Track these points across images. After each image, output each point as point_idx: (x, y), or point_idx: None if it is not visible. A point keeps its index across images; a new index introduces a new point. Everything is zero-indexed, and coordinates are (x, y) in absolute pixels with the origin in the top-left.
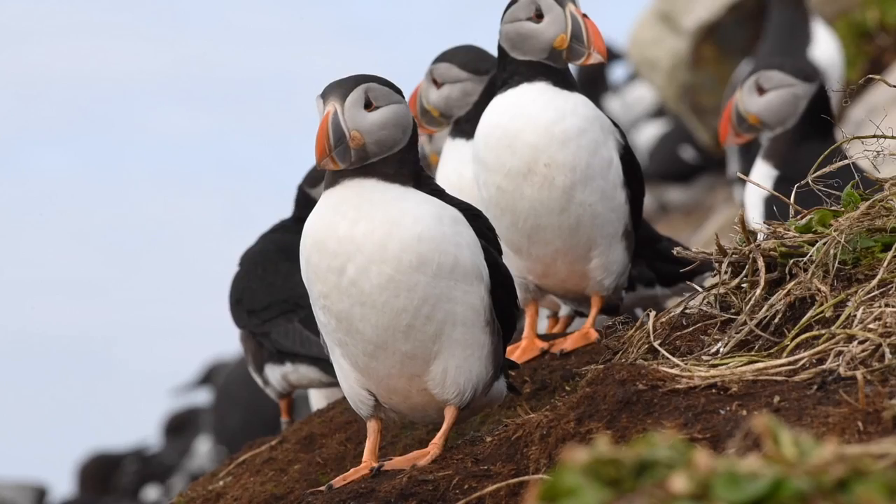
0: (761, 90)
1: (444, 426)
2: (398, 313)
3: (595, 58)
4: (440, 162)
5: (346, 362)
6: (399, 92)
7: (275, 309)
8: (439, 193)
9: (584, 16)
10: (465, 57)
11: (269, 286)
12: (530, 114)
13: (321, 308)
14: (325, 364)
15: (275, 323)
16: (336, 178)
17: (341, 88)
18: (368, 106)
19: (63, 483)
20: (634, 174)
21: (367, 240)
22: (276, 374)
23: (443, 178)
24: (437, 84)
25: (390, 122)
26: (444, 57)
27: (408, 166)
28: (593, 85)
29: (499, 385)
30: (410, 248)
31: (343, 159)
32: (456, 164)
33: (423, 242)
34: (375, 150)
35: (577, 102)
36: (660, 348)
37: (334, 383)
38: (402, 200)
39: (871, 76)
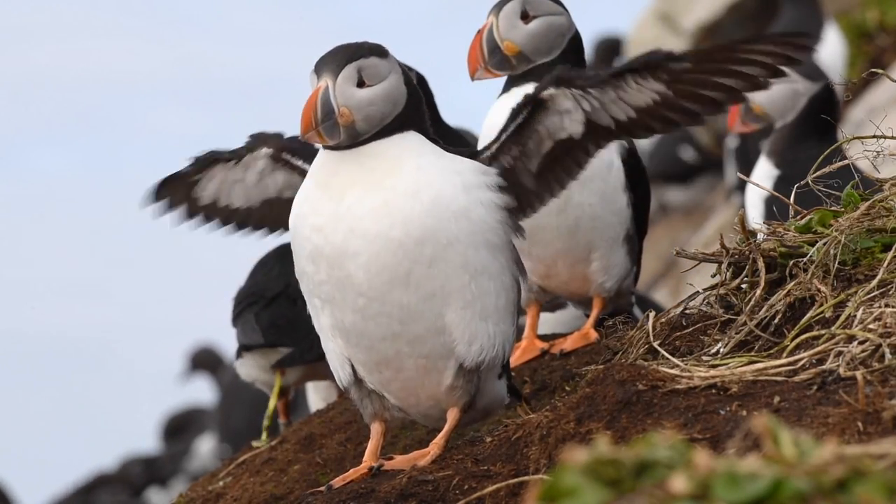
0: None
1: (447, 427)
2: (394, 251)
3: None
4: None
5: (329, 321)
6: (390, 59)
7: (244, 303)
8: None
9: (479, 31)
10: None
11: (250, 282)
12: None
13: (309, 255)
14: (252, 348)
15: (241, 316)
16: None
17: (334, 64)
18: (361, 84)
19: (62, 484)
20: (638, 178)
21: (368, 177)
22: (239, 369)
23: None
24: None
25: (379, 99)
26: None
27: (409, 123)
28: None
29: (499, 386)
30: (407, 174)
31: (331, 135)
32: None
33: (421, 171)
34: (364, 126)
35: None
36: (659, 349)
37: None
38: (404, 144)
39: (874, 70)
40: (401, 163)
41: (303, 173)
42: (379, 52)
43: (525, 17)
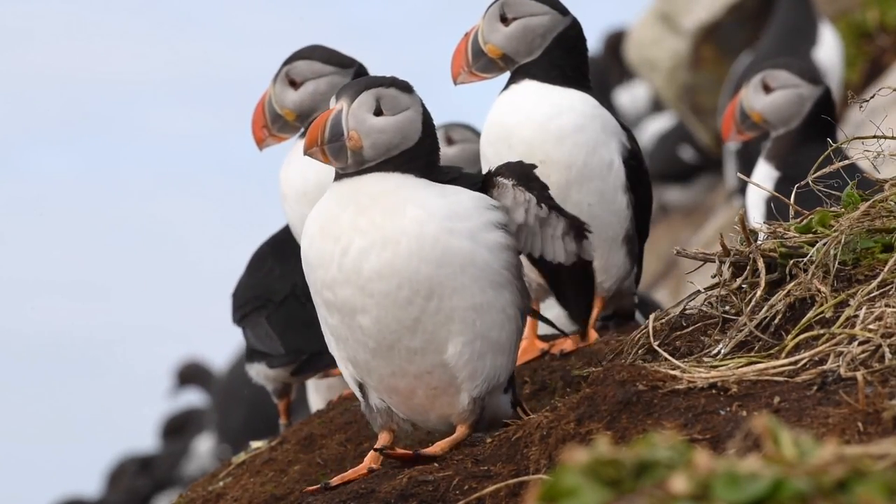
0: (767, 88)
1: (454, 437)
2: (403, 306)
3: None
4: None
5: (341, 354)
6: (414, 96)
7: (250, 305)
8: (454, 179)
9: (465, 35)
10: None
11: (251, 282)
12: (526, 109)
13: (323, 302)
14: (277, 360)
15: (249, 319)
16: (341, 174)
17: (353, 90)
18: (378, 113)
19: (62, 485)
20: (640, 179)
21: (369, 226)
22: (252, 371)
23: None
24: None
25: (391, 128)
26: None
27: (416, 161)
28: (604, 81)
29: (504, 400)
30: (410, 232)
31: (337, 157)
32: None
33: (424, 223)
34: (371, 153)
35: (575, 99)
36: (659, 349)
37: (287, 383)
38: (406, 188)
39: (883, 87)
40: (404, 213)
41: None
42: (403, 86)
43: (504, 19)
